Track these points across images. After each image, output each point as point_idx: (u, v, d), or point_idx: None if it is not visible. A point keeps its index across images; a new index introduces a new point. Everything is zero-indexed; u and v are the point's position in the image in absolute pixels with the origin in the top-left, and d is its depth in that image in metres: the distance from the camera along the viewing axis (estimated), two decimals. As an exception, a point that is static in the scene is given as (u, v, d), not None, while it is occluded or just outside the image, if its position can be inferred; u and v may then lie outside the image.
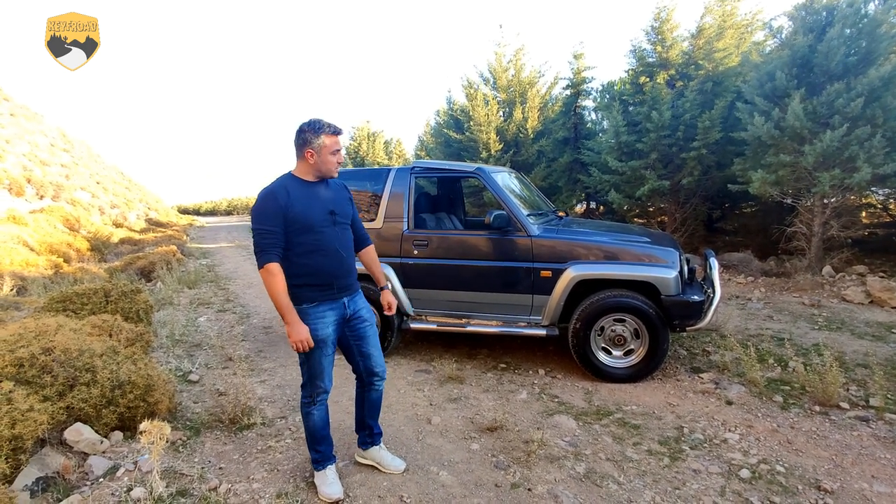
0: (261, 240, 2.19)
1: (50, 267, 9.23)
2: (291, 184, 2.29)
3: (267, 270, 2.16)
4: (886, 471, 2.56)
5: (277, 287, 2.15)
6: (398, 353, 4.62)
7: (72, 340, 2.96)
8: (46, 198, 15.01)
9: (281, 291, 2.16)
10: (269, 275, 2.16)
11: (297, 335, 2.18)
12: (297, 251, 2.25)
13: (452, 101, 13.28)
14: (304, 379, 2.44)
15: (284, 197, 2.21)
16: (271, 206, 2.19)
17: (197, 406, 3.55)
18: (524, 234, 3.95)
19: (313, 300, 2.29)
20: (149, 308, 5.27)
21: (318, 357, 2.36)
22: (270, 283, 2.16)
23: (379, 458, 2.69)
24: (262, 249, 2.18)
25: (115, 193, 22.13)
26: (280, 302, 2.16)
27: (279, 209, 2.19)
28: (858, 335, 4.67)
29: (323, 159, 2.30)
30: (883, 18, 6.04)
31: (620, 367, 3.81)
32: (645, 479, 2.55)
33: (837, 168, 6.11)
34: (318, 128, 2.26)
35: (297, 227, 2.22)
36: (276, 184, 2.28)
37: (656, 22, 9.29)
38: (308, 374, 2.41)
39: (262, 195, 2.23)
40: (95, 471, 2.60)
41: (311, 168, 2.31)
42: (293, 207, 2.21)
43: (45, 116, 23.71)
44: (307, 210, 2.26)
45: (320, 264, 2.29)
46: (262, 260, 2.17)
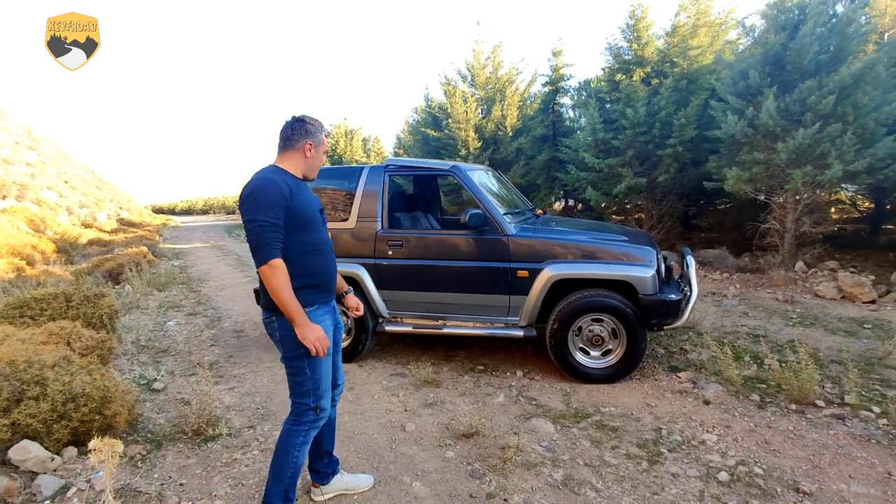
0: (262, 233, 1.89)
1: (11, 270, 8.85)
2: (285, 176, 2.04)
3: (272, 267, 1.88)
4: (863, 470, 2.54)
5: (284, 285, 1.90)
6: (373, 357, 4.50)
7: (19, 351, 2.77)
8: (10, 198, 14.44)
9: (288, 289, 1.90)
10: (274, 271, 1.89)
11: (314, 334, 1.93)
12: (297, 250, 2.01)
13: (430, 99, 13.17)
14: (307, 399, 2.08)
15: (286, 188, 1.97)
16: (273, 195, 1.92)
17: (160, 417, 3.39)
18: (501, 234, 3.87)
19: (312, 303, 2.06)
20: (113, 313, 5.04)
21: (326, 365, 2.12)
22: (276, 281, 1.89)
23: (345, 485, 2.45)
24: (265, 243, 1.89)
25: (84, 193, 21.44)
26: (288, 301, 1.90)
27: (282, 200, 1.94)
28: (831, 331, 4.72)
29: (318, 156, 2.15)
30: (853, 17, 6.12)
31: (598, 368, 3.76)
32: (623, 485, 2.49)
33: (809, 165, 6.18)
34: (318, 124, 2.14)
35: (299, 222, 2.00)
36: (271, 172, 2.02)
37: (632, 20, 9.33)
38: (313, 390, 2.08)
39: (259, 182, 1.95)
40: (44, 491, 2.44)
41: (301, 164, 2.11)
42: (295, 200, 1.99)
43: (9, 112, 22.84)
44: (307, 205, 2.06)
45: (320, 264, 2.10)
46: (264, 255, 1.89)
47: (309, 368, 2.05)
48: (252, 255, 1.94)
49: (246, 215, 1.93)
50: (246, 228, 1.94)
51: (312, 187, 4.45)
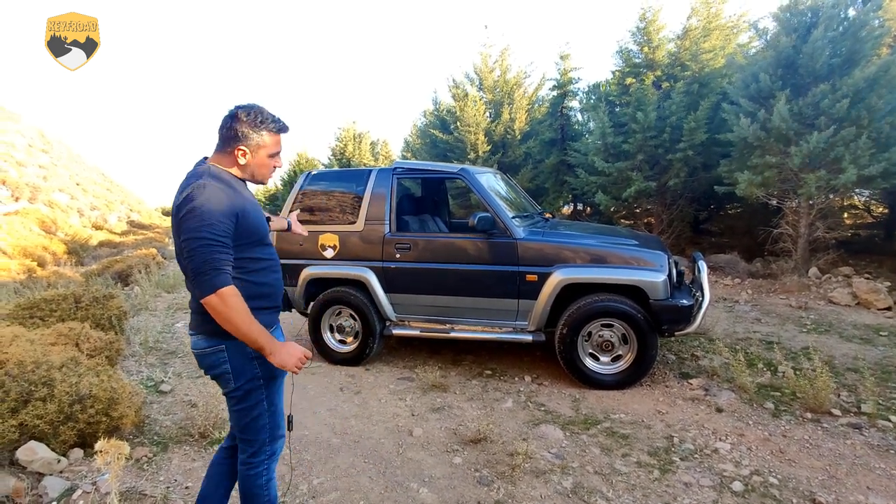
0: (210, 254, 1.52)
1: (23, 271, 8.95)
2: (230, 180, 1.70)
3: (223, 297, 1.51)
4: (882, 482, 2.47)
5: (245, 312, 1.55)
6: (380, 360, 4.47)
7: (28, 352, 2.78)
8: (22, 199, 14.61)
9: (249, 317, 1.55)
10: (226, 301, 1.52)
11: (293, 353, 1.61)
12: (252, 267, 1.72)
13: (438, 102, 13.17)
14: (262, 435, 1.79)
15: (236, 199, 1.64)
16: (222, 208, 1.57)
17: (166, 419, 3.38)
18: (509, 237, 3.83)
19: (269, 324, 1.77)
20: (122, 314, 5.06)
21: (282, 392, 1.89)
22: (233, 312, 1.52)
23: None
24: (214, 268, 1.52)
25: (95, 195, 21.65)
26: (255, 331, 1.55)
27: (231, 213, 1.60)
28: (846, 338, 4.63)
29: (259, 162, 1.72)
30: (865, 20, 6.04)
31: (608, 374, 3.71)
32: (634, 494, 2.44)
33: (823, 169, 6.09)
34: (259, 120, 1.68)
35: (251, 238, 1.70)
36: (213, 178, 1.63)
37: (642, 23, 9.27)
38: (271, 422, 1.80)
39: (203, 191, 1.56)
40: (50, 493, 2.43)
41: (238, 170, 1.74)
42: (247, 213, 1.67)
43: (22, 116, 23.13)
44: (257, 214, 1.74)
45: (273, 283, 1.81)
46: (213, 282, 1.51)
47: (268, 400, 1.78)
48: (192, 282, 1.57)
49: (187, 233, 1.54)
50: (186, 248, 1.54)
51: (321, 189, 4.46)
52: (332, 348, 4.42)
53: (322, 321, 4.41)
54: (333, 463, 2.78)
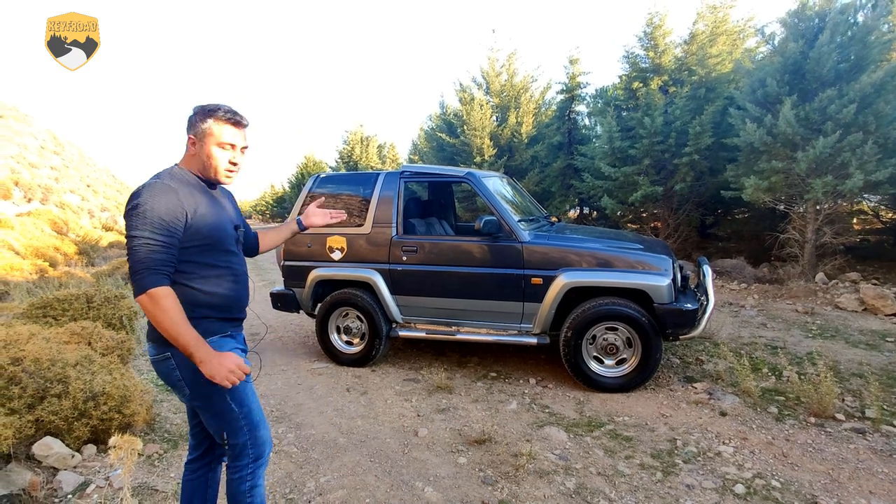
0: (148, 253, 1.50)
1: (35, 271, 9.08)
2: (189, 180, 1.67)
3: (152, 297, 1.48)
4: (884, 486, 2.49)
5: (176, 315, 1.50)
6: (386, 362, 4.52)
7: (44, 350, 2.85)
8: (35, 201, 14.83)
9: (179, 319, 1.50)
10: (156, 302, 1.48)
11: (227, 364, 1.53)
12: (201, 274, 1.66)
13: (445, 106, 13.24)
14: (240, 438, 1.72)
15: (188, 199, 1.60)
16: (170, 207, 1.54)
17: (176, 417, 3.44)
18: (515, 241, 3.87)
19: (214, 333, 1.70)
20: (132, 314, 5.14)
21: (249, 391, 1.78)
22: (161, 313, 1.48)
23: None
24: (147, 267, 1.49)
25: (105, 196, 21.92)
26: (182, 334, 1.49)
27: (181, 214, 1.57)
28: (852, 344, 4.62)
29: (206, 153, 1.66)
30: (874, 25, 6.04)
31: (612, 377, 3.73)
32: (637, 496, 2.47)
33: (830, 174, 6.09)
34: (208, 110, 1.65)
35: (203, 242, 1.64)
36: (170, 177, 1.63)
37: (649, 28, 9.30)
38: (248, 426, 1.73)
39: (152, 190, 1.55)
40: (65, 487, 2.49)
41: (193, 162, 1.70)
42: (201, 215, 1.62)
43: (35, 118, 23.49)
44: (216, 221, 1.68)
45: (228, 290, 1.74)
46: (143, 282, 1.49)
47: (234, 402, 1.70)
48: (130, 280, 1.54)
49: (127, 230, 1.54)
50: (127, 246, 1.54)
51: (329, 192, 4.50)
52: (339, 349, 4.47)
53: (329, 322, 4.47)
54: (340, 461, 2.83)
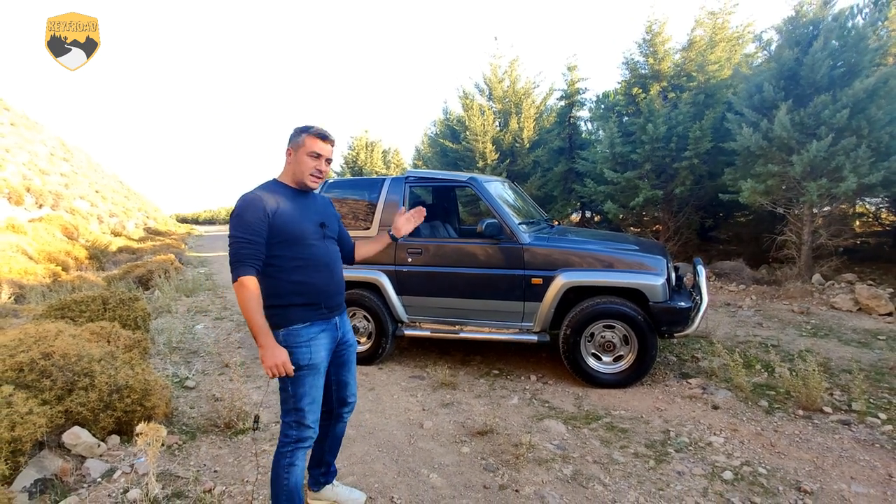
0: (238, 249, 1.91)
1: (48, 275, 9.28)
2: (277, 189, 2.05)
3: (240, 284, 1.87)
4: (865, 472, 2.62)
5: (252, 304, 1.86)
6: (392, 360, 4.68)
7: (71, 346, 3.02)
8: (45, 206, 15.07)
9: (256, 309, 1.87)
10: (243, 289, 1.87)
11: (273, 358, 1.86)
12: (284, 266, 2.00)
13: (448, 112, 13.44)
14: (289, 417, 2.04)
15: (271, 203, 1.97)
16: (254, 211, 1.93)
17: (193, 411, 3.61)
18: (516, 243, 4.03)
19: (305, 319, 2.02)
20: (146, 316, 5.33)
21: (312, 385, 2.04)
22: (245, 299, 1.87)
23: (335, 496, 2.42)
24: (239, 260, 1.90)
25: (113, 202, 22.20)
26: (255, 320, 1.86)
27: (263, 216, 1.94)
28: (845, 342, 4.75)
29: (298, 159, 2.04)
30: (866, 32, 6.19)
31: (610, 373, 3.88)
32: (630, 481, 2.62)
33: (824, 178, 6.22)
34: (304, 128, 2.07)
35: (285, 238, 1.98)
36: (261, 188, 2.04)
37: (648, 34, 9.47)
38: (295, 409, 2.02)
39: (243, 200, 1.96)
40: (93, 473, 2.66)
41: (288, 170, 2.09)
42: (280, 215, 1.97)
43: (44, 126, 23.86)
44: (296, 219, 2.02)
45: (310, 281, 2.03)
46: (236, 272, 1.89)
47: (291, 386, 2.02)
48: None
49: (229, 230, 1.97)
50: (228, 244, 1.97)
51: (337, 196, 4.68)
52: (347, 348, 4.62)
53: (337, 322, 4.62)
54: (349, 451, 2.99)
